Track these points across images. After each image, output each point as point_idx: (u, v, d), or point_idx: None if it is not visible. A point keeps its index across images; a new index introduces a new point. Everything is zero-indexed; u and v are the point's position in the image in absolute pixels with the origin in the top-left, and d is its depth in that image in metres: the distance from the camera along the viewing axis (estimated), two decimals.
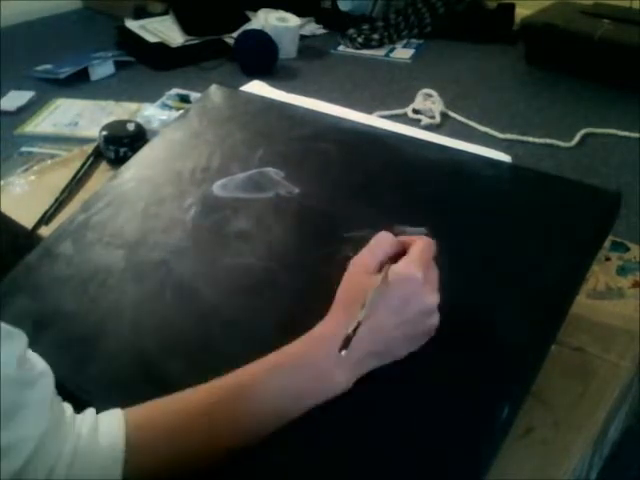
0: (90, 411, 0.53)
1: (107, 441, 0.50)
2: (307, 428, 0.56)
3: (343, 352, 0.51)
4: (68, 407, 0.52)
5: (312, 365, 0.55)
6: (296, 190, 0.77)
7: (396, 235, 0.61)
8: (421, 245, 0.59)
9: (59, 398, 0.51)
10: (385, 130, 0.84)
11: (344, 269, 0.60)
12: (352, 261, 0.60)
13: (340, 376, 0.55)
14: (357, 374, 0.56)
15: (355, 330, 0.52)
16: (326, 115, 0.88)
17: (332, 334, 0.54)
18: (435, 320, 0.58)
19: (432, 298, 0.57)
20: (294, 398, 0.54)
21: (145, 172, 0.85)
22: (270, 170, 0.80)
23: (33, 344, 0.59)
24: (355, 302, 0.55)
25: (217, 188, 0.79)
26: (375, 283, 0.55)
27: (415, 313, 0.57)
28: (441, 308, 0.58)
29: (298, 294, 0.66)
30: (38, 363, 0.50)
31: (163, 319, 0.67)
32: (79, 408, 0.56)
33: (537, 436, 0.63)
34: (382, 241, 0.60)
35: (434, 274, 0.59)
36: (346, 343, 0.51)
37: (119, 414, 0.52)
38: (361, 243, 0.62)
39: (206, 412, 0.53)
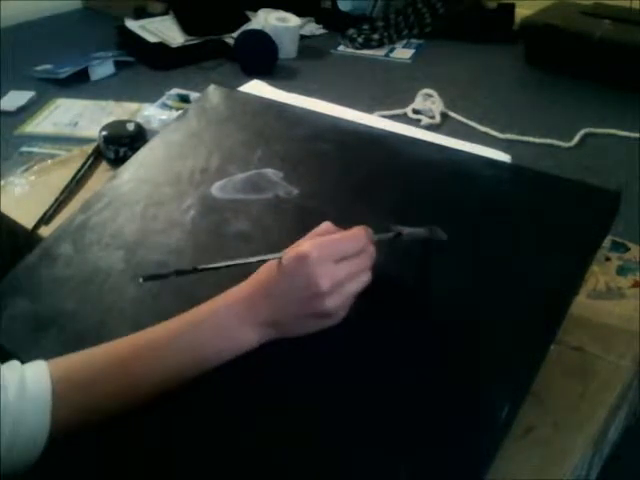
0: (15, 363, 0.55)
1: (35, 394, 0.53)
2: (307, 428, 0.56)
3: (140, 279, 0.58)
4: None
5: (218, 323, 0.59)
6: (295, 191, 0.77)
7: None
8: (342, 234, 0.61)
9: None
10: (384, 130, 0.84)
11: None
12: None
13: (245, 334, 0.59)
14: (263, 336, 0.60)
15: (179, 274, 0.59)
16: (325, 115, 0.88)
17: (236, 299, 0.60)
18: (330, 304, 0.58)
19: (324, 282, 0.57)
20: (203, 352, 0.58)
21: (144, 173, 0.85)
22: (269, 171, 0.80)
23: (33, 345, 0.59)
24: (258, 276, 0.60)
25: (216, 189, 0.79)
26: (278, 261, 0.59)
27: (303, 294, 0.58)
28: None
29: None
30: None
31: (163, 320, 0.67)
32: None
33: (537, 436, 0.63)
34: (321, 230, 0.63)
35: (351, 263, 0.59)
36: (152, 277, 0.60)
37: (44, 366, 0.55)
38: None
39: (122, 364, 0.57)
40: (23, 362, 0.55)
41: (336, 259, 0.58)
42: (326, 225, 0.63)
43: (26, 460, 0.53)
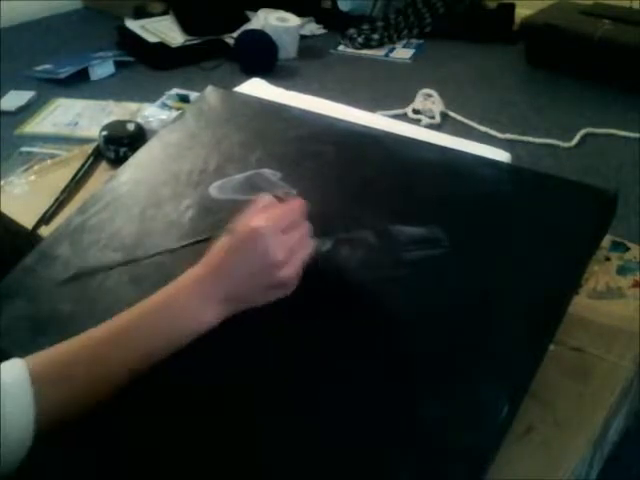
0: None
1: (14, 394, 0.53)
2: (307, 427, 0.56)
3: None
4: None
5: (179, 305, 0.61)
6: (293, 191, 0.77)
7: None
8: (283, 206, 0.64)
9: None
10: (382, 131, 0.84)
11: (342, 269, 0.60)
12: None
13: (207, 312, 0.61)
14: (223, 312, 0.62)
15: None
16: (323, 116, 0.88)
17: (194, 279, 0.62)
18: (282, 275, 0.61)
19: (276, 253, 0.61)
20: (169, 334, 0.60)
21: (142, 174, 0.85)
22: (267, 171, 0.80)
23: (31, 346, 0.59)
24: (211, 254, 0.62)
25: (214, 190, 0.79)
26: (227, 237, 0.62)
27: (260, 265, 0.61)
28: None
29: (296, 294, 0.66)
30: None
31: None
32: None
33: (537, 436, 0.63)
34: (256, 202, 0.65)
35: (295, 234, 0.63)
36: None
37: (20, 364, 0.55)
38: (357, 244, 0.62)
39: (94, 352, 0.58)
40: None
41: (284, 230, 0.62)
42: (265, 198, 0.66)
43: (12, 461, 0.53)
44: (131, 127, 1.14)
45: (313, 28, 2.81)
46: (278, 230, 0.62)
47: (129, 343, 0.59)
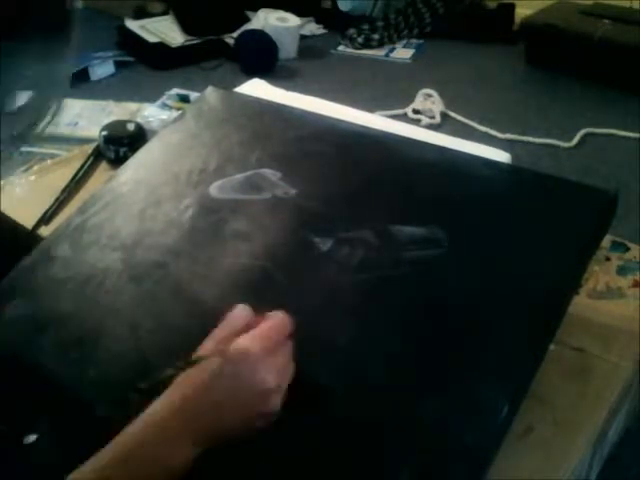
0: None
1: None
2: (307, 427, 0.56)
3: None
4: None
5: (151, 456, 0.51)
6: (293, 191, 0.77)
7: None
8: (270, 323, 0.56)
9: None
10: (382, 131, 0.84)
11: (342, 269, 0.60)
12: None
13: (181, 457, 0.52)
14: (198, 451, 0.52)
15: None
16: (322, 116, 0.88)
17: (162, 419, 0.52)
18: (273, 403, 0.53)
19: (269, 378, 0.53)
20: None
21: (142, 174, 0.85)
22: (267, 171, 0.80)
23: (31, 347, 0.59)
24: (187, 381, 0.53)
25: (214, 189, 0.79)
26: (209, 361, 0.53)
27: (248, 394, 0.53)
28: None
29: (295, 294, 0.66)
30: None
31: (161, 320, 0.67)
32: (79, 410, 0.56)
33: (537, 436, 0.63)
34: (234, 317, 0.57)
35: (282, 356, 0.55)
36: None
37: None
38: (357, 244, 0.62)
39: None
40: (21, 363, 0.54)
41: (271, 351, 0.54)
42: (243, 313, 0.58)
43: None
44: (131, 127, 1.14)
45: (313, 28, 2.81)
46: (267, 352, 0.54)
47: None
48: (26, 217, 0.97)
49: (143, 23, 2.65)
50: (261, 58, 2.41)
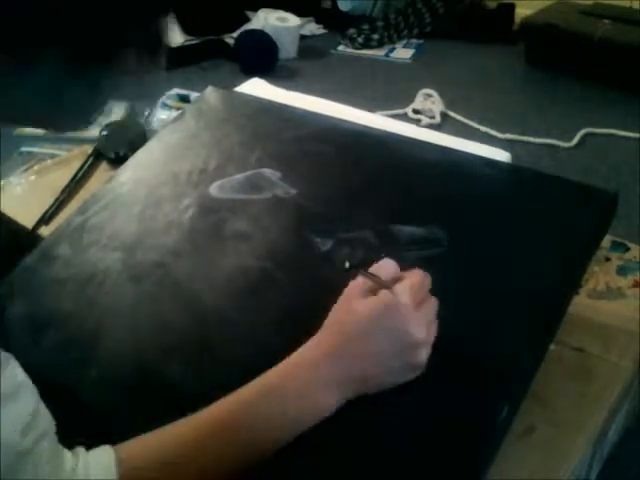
0: (82, 454, 0.50)
1: None
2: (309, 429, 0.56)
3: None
4: (67, 457, 0.48)
5: (297, 392, 0.54)
6: (293, 191, 0.77)
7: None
8: (416, 277, 0.58)
9: (59, 448, 0.48)
10: (382, 131, 0.84)
11: (341, 269, 0.60)
12: (349, 285, 0.59)
13: (325, 401, 0.54)
14: (343, 397, 0.55)
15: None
16: (322, 116, 0.88)
17: (316, 359, 0.54)
18: (422, 356, 0.56)
19: (420, 332, 0.55)
20: (282, 425, 0.54)
21: (142, 174, 0.85)
22: (267, 171, 0.80)
23: (31, 347, 0.59)
24: (343, 326, 0.55)
25: (214, 189, 0.79)
26: (366, 308, 0.55)
27: (399, 345, 0.55)
28: (436, 343, 0.57)
29: (296, 294, 0.66)
30: (43, 418, 0.46)
31: (161, 320, 0.67)
32: (79, 410, 0.56)
33: (537, 436, 0.62)
34: (382, 268, 0.59)
35: (429, 308, 0.57)
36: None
37: (110, 452, 0.50)
38: (357, 244, 0.62)
39: (195, 446, 0.52)
40: (21, 363, 0.54)
41: (421, 305, 0.56)
42: (387, 263, 0.59)
43: None
44: (131, 127, 1.14)
45: (313, 28, 2.81)
46: (417, 305, 0.56)
47: (232, 436, 0.52)
48: (26, 217, 0.97)
49: None
50: (261, 58, 2.41)
